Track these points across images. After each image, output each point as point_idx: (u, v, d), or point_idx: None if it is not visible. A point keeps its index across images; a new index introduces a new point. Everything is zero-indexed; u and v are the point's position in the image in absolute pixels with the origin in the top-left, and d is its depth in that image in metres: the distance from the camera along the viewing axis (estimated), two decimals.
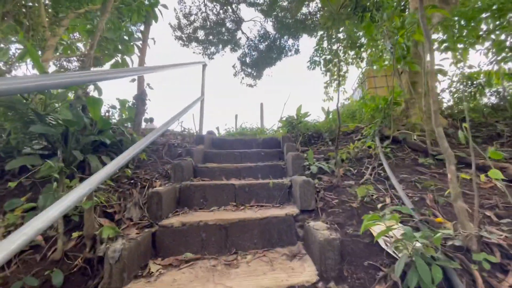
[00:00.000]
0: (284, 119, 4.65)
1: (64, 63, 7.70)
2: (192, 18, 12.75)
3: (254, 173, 2.73)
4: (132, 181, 2.15)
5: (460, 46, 4.16)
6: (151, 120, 10.86)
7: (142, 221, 1.71)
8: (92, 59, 3.17)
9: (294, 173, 2.44)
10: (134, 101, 2.83)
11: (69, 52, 4.05)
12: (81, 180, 2.03)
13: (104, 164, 2.07)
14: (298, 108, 4.41)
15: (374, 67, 6.84)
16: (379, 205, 1.68)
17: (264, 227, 1.79)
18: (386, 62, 5.39)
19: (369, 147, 2.70)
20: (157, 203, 1.84)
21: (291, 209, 1.93)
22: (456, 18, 3.69)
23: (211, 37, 12.81)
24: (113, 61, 3.59)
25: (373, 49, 9.58)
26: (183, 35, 13.05)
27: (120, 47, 3.30)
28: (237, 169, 2.73)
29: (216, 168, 2.72)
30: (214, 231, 1.75)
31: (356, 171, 2.38)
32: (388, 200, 1.78)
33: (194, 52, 12.19)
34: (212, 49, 12.20)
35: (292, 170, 2.45)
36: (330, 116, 4.25)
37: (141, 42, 3.33)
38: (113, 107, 3.45)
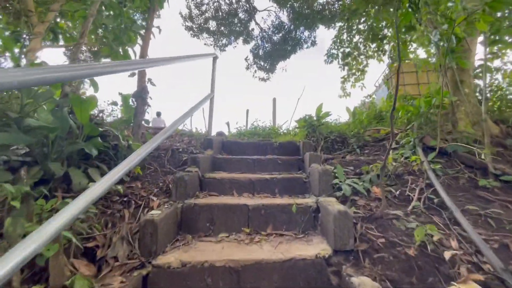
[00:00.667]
0: (301, 119, 4.21)
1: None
2: (203, 8, 12.27)
3: (270, 187, 2.31)
4: (125, 199, 1.78)
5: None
6: (158, 114, 10.50)
7: (131, 261, 1.34)
8: (86, 50, 2.80)
9: (320, 192, 2.00)
10: (133, 99, 2.45)
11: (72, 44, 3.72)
12: (64, 199, 1.67)
13: (90, 178, 1.70)
14: (318, 107, 3.94)
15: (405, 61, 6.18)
16: (447, 255, 1.23)
17: (286, 272, 1.38)
18: (430, 56, 4.80)
19: (413, 160, 2.22)
20: (151, 234, 1.45)
21: (321, 246, 1.51)
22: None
23: (222, 28, 12.31)
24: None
25: (393, 42, 8.86)
26: (193, 26, 12.60)
27: (120, 36, 2.91)
28: (250, 181, 2.32)
29: (226, 179, 2.31)
30: (223, 275, 1.36)
31: (398, 192, 1.92)
32: (454, 244, 1.33)
33: (205, 44, 11.75)
34: (224, 40, 11.72)
35: (318, 189, 2.02)
36: (356, 117, 3.76)
37: (144, 30, 2.93)
38: (114, 103, 3.09)
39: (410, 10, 3.28)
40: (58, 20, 3.28)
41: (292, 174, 2.51)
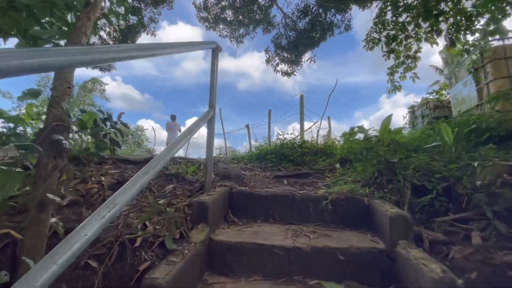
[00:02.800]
0: (355, 138, 2.80)
1: None
2: None
3: None
4: None
5: None
6: (172, 117, 9.35)
7: None
8: None
9: None
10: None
11: None
12: None
13: None
14: (385, 122, 2.50)
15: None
16: None
17: None
18: None
19: None
20: None
21: None
22: None
23: (240, 17, 10.87)
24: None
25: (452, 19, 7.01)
26: (209, 16, 11.30)
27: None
28: None
29: None
30: None
31: None
32: None
33: (220, 35, 10.42)
34: (241, 30, 10.29)
35: None
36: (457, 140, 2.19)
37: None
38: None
39: None
40: None
41: None
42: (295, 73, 9.84)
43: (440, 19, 6.94)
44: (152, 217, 1.42)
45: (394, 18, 7.78)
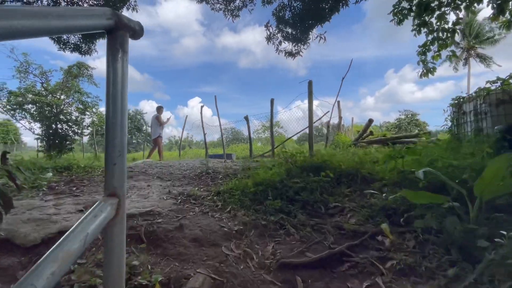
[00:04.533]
0: None
1: None
2: None
3: None
4: None
5: None
6: (159, 109, 7.82)
7: None
8: None
9: None
10: None
11: None
12: None
13: None
14: (495, 166, 1.44)
15: None
16: None
17: None
18: None
19: None
20: None
21: None
22: None
23: None
24: None
25: None
26: None
27: None
28: None
29: None
30: None
31: None
32: None
33: (213, 9, 8.83)
34: (237, 1, 8.66)
35: None
36: None
37: None
38: None
39: None
40: None
41: None
42: (301, 53, 8.35)
43: None
44: None
45: None
